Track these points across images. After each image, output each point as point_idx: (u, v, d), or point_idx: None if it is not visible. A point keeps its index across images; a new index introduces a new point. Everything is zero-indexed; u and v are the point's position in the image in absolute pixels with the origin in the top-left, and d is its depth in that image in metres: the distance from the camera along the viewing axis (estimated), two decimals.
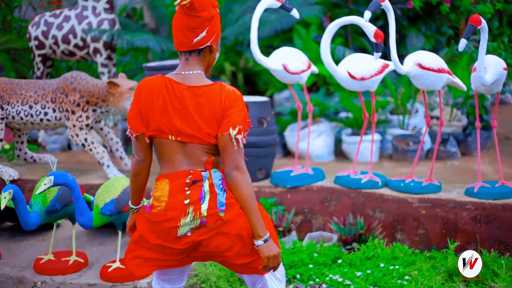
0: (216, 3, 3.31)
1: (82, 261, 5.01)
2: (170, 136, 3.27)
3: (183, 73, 3.29)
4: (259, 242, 3.25)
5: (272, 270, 3.33)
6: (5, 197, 4.41)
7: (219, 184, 3.28)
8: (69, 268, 4.94)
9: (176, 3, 3.19)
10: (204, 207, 3.24)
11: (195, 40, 3.24)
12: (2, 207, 4.32)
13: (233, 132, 3.21)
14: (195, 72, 3.29)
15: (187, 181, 3.27)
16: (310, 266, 4.88)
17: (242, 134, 3.24)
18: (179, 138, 3.26)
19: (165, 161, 3.36)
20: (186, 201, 3.25)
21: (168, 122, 3.25)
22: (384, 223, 5.39)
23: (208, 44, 3.28)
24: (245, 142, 3.26)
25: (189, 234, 3.28)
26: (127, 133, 3.41)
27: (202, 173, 3.28)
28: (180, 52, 3.33)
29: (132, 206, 3.53)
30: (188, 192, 3.26)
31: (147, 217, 3.35)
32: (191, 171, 3.29)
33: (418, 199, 5.32)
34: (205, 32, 3.24)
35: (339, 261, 4.99)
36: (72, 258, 5.01)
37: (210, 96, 3.23)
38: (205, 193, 3.25)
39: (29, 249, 5.45)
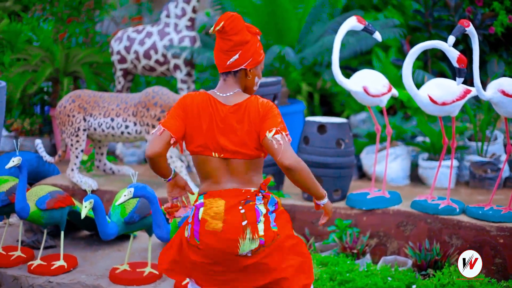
0: (255, 30, 3.47)
1: (157, 273, 5.07)
2: (213, 153, 3.44)
3: (224, 95, 3.46)
4: (325, 200, 3.54)
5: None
6: (85, 207, 4.50)
7: (272, 209, 3.48)
8: (144, 279, 5.01)
9: (210, 30, 3.39)
10: (261, 227, 3.41)
11: (228, 62, 3.43)
12: (83, 216, 4.41)
13: (269, 135, 3.34)
14: (234, 91, 3.47)
15: (242, 201, 3.42)
16: None
17: (281, 134, 3.35)
18: (222, 155, 3.43)
19: (208, 178, 3.50)
20: (244, 223, 3.39)
21: (213, 139, 3.42)
22: (461, 250, 5.29)
23: (242, 67, 3.45)
24: (290, 139, 3.39)
25: (249, 255, 3.41)
26: (152, 132, 3.50)
27: (256, 196, 3.45)
28: (219, 73, 3.52)
29: (166, 179, 3.61)
30: (242, 212, 3.41)
31: (196, 242, 3.48)
32: (243, 190, 3.45)
33: (496, 227, 5.22)
34: (237, 55, 3.41)
35: (414, 286, 4.92)
36: (147, 270, 5.08)
37: (248, 109, 3.41)
38: (261, 214, 3.42)
39: (105, 259, 5.55)
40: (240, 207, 3.41)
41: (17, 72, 8.36)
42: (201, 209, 3.46)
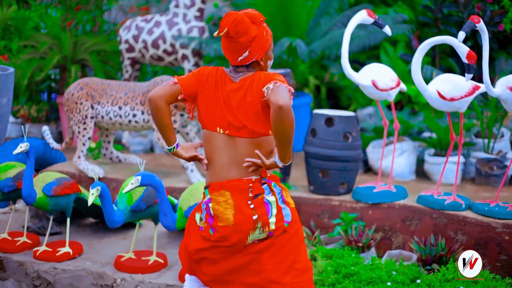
0: (259, 20, 3.42)
1: (162, 261, 5.08)
2: (218, 129, 3.44)
3: (236, 75, 3.46)
4: (281, 163, 3.36)
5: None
6: (92, 194, 4.50)
7: (280, 198, 3.48)
8: (149, 267, 5.02)
9: (215, 34, 3.36)
10: (272, 220, 3.43)
11: (239, 59, 3.43)
12: (90, 203, 4.41)
13: (264, 88, 3.30)
14: (243, 72, 3.48)
15: (250, 195, 3.43)
16: (388, 284, 4.84)
17: (274, 83, 3.26)
18: (227, 131, 3.43)
19: (211, 159, 3.51)
20: (255, 217, 3.42)
21: (220, 114, 3.42)
22: (466, 246, 5.30)
23: (254, 60, 3.45)
24: (291, 89, 3.30)
25: (256, 241, 3.47)
26: (172, 79, 3.52)
27: (262, 186, 3.45)
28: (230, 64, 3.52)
29: (171, 147, 3.58)
30: (252, 206, 3.42)
31: (210, 234, 3.49)
32: (251, 184, 3.44)
33: (502, 224, 5.22)
34: (247, 52, 3.41)
35: (418, 281, 4.93)
36: (152, 258, 5.09)
37: (252, 82, 3.38)
38: (271, 207, 3.44)
39: (110, 246, 5.56)
40: (249, 202, 3.42)
41: (25, 59, 8.38)
42: (210, 205, 3.48)
